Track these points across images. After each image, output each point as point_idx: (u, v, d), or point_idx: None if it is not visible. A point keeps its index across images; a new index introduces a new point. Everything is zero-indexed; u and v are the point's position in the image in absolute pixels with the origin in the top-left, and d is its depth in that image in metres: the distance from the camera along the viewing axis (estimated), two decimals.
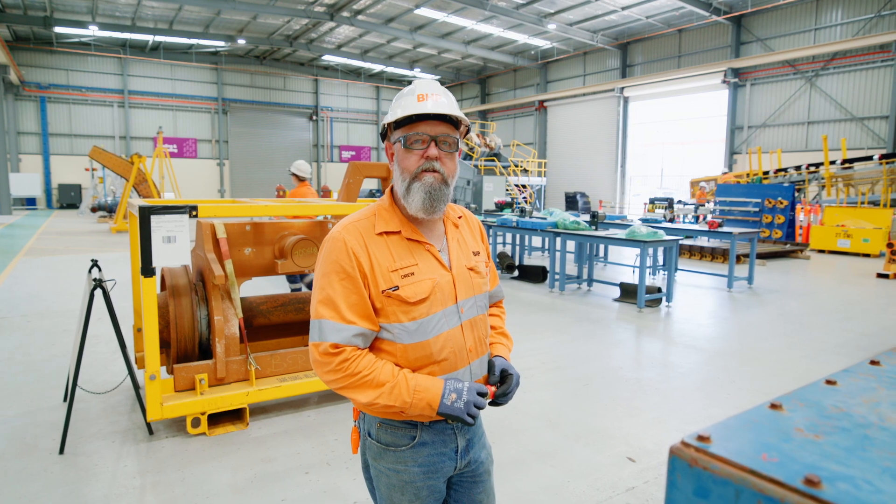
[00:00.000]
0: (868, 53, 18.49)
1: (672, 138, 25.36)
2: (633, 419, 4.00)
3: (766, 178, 17.42)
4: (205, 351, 3.88)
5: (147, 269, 3.35)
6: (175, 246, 3.41)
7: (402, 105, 1.51)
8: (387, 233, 1.52)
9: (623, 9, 22.12)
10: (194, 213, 3.45)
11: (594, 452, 3.48)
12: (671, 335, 6.40)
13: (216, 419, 3.75)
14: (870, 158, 15.87)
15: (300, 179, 7.04)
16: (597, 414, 4.09)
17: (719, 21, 21.72)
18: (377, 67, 32.79)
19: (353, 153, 36.27)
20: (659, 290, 7.90)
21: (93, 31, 24.41)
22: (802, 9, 20.08)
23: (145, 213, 3.32)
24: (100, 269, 4.00)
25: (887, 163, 15.15)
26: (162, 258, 3.37)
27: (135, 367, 4.05)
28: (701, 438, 0.60)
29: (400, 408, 1.43)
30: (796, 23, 20.32)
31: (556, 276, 8.73)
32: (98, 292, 3.60)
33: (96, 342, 5.44)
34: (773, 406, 0.70)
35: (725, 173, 20.23)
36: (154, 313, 3.39)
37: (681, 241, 11.82)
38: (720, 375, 4.97)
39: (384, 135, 1.61)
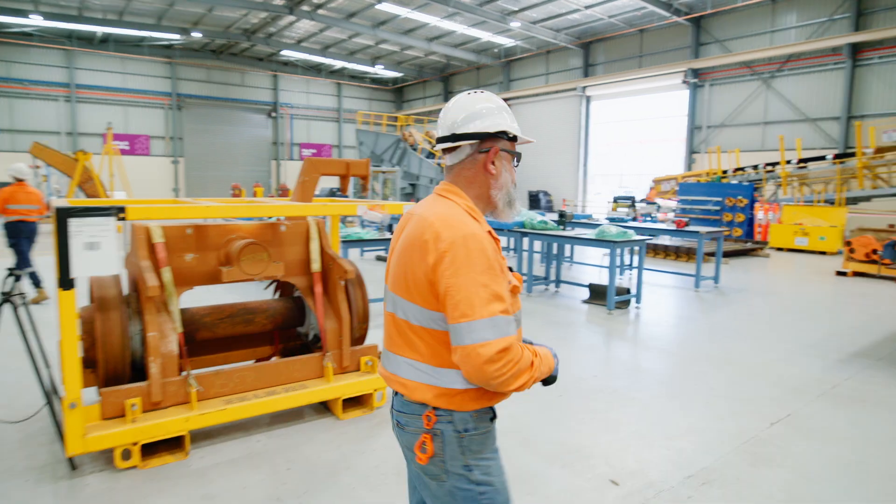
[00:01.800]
0: (821, 56, 18.95)
1: (633, 137, 25.58)
2: (611, 434, 3.75)
3: (724, 178, 17.65)
4: (139, 371, 3.44)
5: (65, 281, 2.91)
6: (99, 253, 2.97)
7: (515, 122, 1.68)
8: (488, 232, 1.56)
9: (586, 8, 22.14)
10: (121, 215, 3.02)
11: (573, 475, 3.20)
12: (643, 339, 6.23)
13: (151, 449, 3.31)
14: (823, 158, 16.25)
15: (18, 180, 7.36)
16: (573, 430, 3.82)
17: (679, 22, 21.97)
18: (338, 64, 32.13)
19: (314, 151, 35.45)
20: (628, 290, 7.75)
21: (35, 21, 23.06)
22: (759, 11, 20.46)
23: (62, 216, 2.88)
24: (17, 279, 3.53)
25: (840, 163, 15.53)
26: (83, 267, 2.93)
27: (57, 390, 3.56)
28: None
29: (536, 379, 1.50)
30: (753, 25, 20.70)
31: (524, 278, 8.49)
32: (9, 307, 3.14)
33: (20, 360, 4.88)
34: None
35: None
36: (73, 331, 2.95)
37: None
38: (697, 382, 4.79)
39: (484, 136, 1.59)
